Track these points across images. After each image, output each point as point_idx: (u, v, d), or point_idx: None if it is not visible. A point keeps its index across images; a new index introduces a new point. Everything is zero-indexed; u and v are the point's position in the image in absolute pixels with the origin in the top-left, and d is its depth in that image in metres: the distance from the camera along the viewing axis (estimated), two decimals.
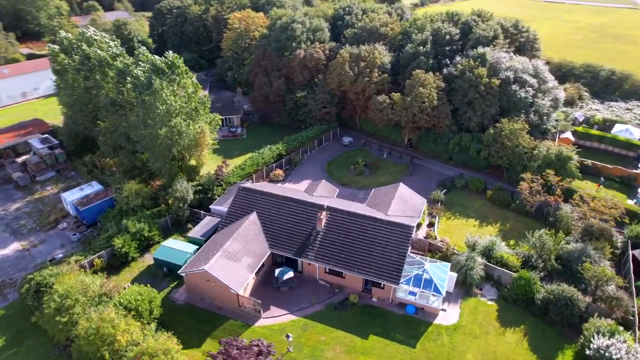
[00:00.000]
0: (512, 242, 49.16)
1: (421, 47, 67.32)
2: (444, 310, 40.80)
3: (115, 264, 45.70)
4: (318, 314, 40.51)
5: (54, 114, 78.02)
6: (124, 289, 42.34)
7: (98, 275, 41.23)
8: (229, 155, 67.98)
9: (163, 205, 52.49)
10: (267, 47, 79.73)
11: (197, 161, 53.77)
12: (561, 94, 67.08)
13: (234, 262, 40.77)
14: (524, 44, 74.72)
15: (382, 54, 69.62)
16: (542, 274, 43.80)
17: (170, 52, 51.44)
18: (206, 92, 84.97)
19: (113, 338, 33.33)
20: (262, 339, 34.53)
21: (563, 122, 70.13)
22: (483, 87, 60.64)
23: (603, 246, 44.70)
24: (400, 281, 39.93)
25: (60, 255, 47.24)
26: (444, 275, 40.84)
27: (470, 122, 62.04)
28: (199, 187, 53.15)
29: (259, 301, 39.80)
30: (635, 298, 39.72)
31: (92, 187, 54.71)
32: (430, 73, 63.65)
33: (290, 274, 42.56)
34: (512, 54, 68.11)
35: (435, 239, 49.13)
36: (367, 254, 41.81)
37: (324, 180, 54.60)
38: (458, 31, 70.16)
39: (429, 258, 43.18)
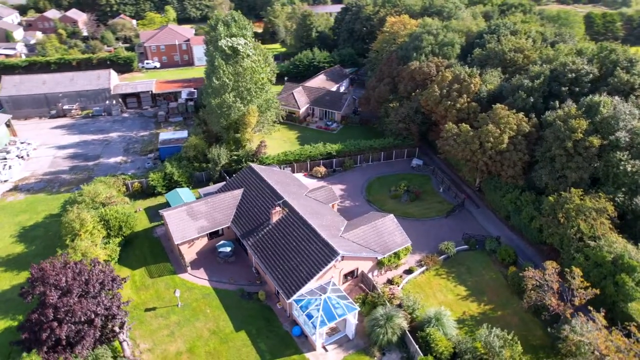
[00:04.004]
0: (482, 331, 38.97)
1: (527, 81, 55.59)
2: (325, 349, 37.33)
3: (148, 192, 58.23)
4: (225, 292, 43.10)
5: None
6: (137, 210, 54.60)
7: (119, 191, 54.32)
8: (306, 143, 72.71)
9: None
10: (394, 53, 79.18)
11: (243, 136, 60.93)
12: None
13: (190, 219, 46.95)
14: None
15: (487, 81, 60.76)
16: None
17: (234, 37, 59.34)
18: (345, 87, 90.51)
19: (77, 232, 44.91)
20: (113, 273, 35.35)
21: None
22: (572, 143, 46.92)
23: None
24: (293, 298, 38.46)
25: (128, 174, 62.80)
26: (338, 314, 37.02)
27: (541, 181, 49.19)
28: (235, 157, 60.62)
29: (185, 258, 45.19)
30: None
31: (181, 134, 68.97)
32: (518, 113, 52.69)
33: (227, 250, 46.03)
34: None
35: (395, 285, 43.46)
36: (287, 260, 41.31)
37: (330, 186, 53.98)
38: (594, 70, 54.47)
39: (348, 297, 39.34)
